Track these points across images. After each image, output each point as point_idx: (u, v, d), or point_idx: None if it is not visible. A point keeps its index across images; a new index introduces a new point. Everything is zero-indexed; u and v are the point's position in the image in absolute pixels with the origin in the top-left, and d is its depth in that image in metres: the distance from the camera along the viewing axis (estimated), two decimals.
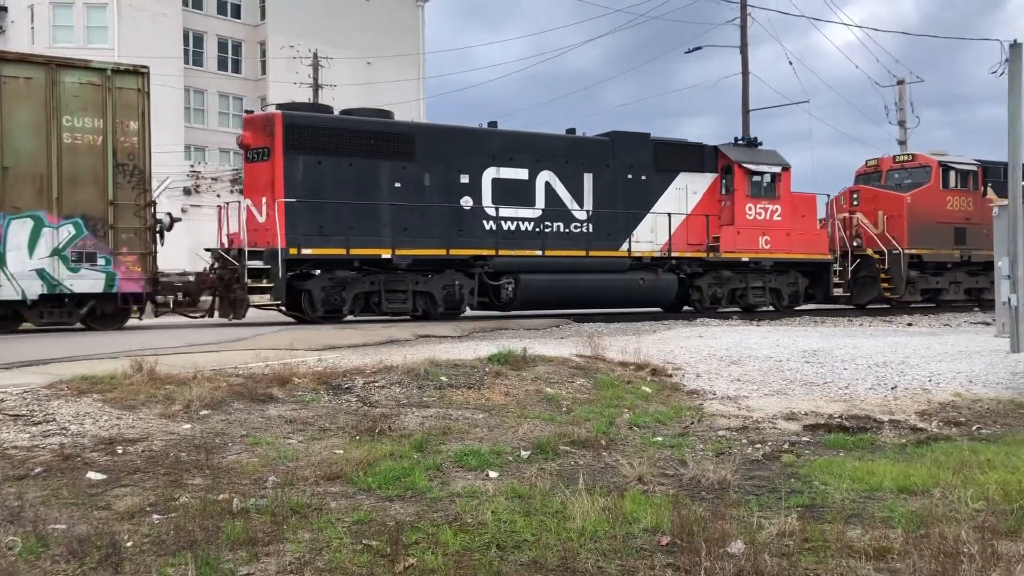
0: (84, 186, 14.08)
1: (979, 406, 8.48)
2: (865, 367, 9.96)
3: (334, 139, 16.10)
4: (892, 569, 3.79)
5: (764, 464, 6.22)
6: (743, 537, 4.22)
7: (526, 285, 17.50)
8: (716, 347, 11.61)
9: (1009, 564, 3.69)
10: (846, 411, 8.26)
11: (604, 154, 19.10)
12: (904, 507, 4.78)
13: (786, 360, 10.50)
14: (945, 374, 9.57)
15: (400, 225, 16.52)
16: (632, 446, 6.74)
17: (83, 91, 14.07)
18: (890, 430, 7.50)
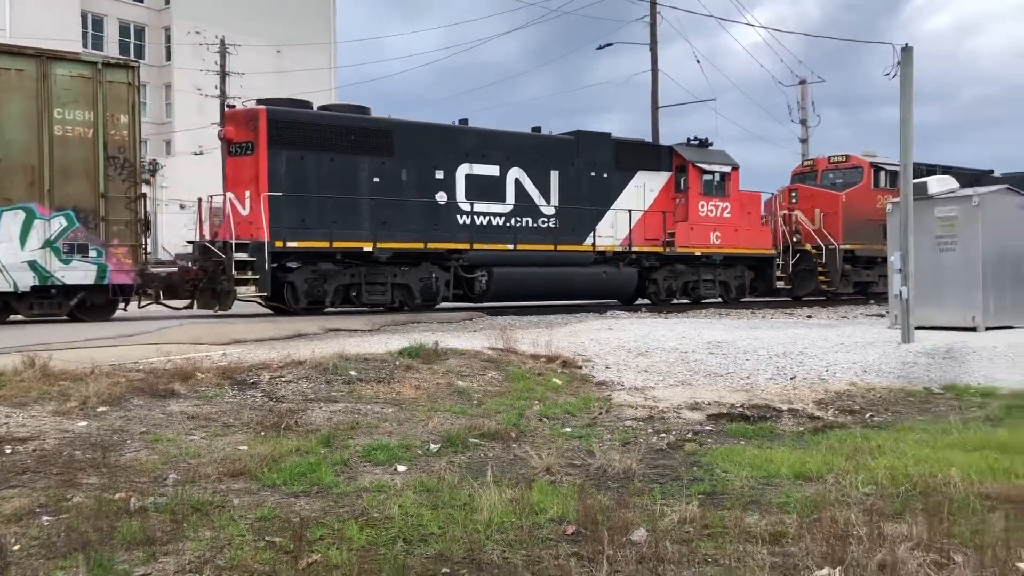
0: (75, 178, 14.15)
1: (872, 395, 8.85)
2: (766, 358, 10.27)
3: (316, 134, 16.41)
4: (786, 553, 3.93)
5: (668, 453, 6.35)
6: (646, 525, 4.31)
7: (499, 278, 18.09)
8: (625, 339, 11.80)
9: (894, 545, 3.87)
10: (747, 400, 8.52)
11: (569, 152, 19.88)
12: (800, 493, 4.96)
13: (691, 351, 10.75)
14: (841, 364, 9.94)
15: (379, 219, 16.89)
16: (541, 437, 6.80)
17: (74, 84, 14.14)
18: (789, 418, 7.75)
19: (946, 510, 4.43)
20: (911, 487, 4.90)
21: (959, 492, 4.77)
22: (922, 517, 4.25)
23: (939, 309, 12.27)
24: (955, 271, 12.17)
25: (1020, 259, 12.76)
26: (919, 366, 9.74)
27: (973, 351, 10.19)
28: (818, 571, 3.64)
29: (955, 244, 12.21)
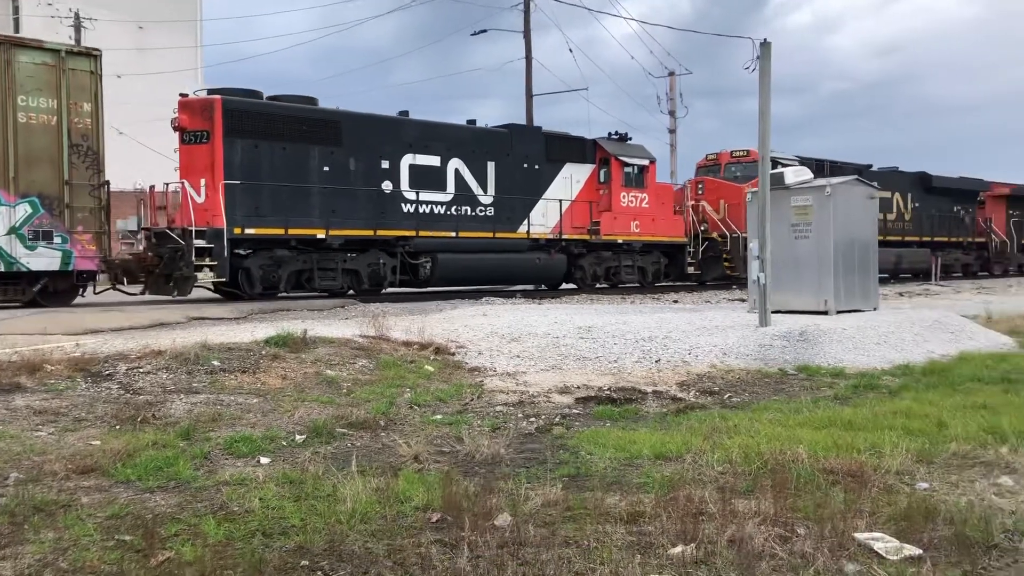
0: (39, 165, 14.21)
1: (731, 376, 9.23)
2: (633, 342, 10.54)
3: (270, 124, 16.90)
4: (643, 532, 4.05)
5: (537, 437, 6.44)
6: (510, 509, 4.36)
7: (443, 264, 19.02)
8: (499, 325, 11.88)
9: (743, 520, 4.05)
10: (614, 384, 8.74)
11: (504, 144, 20.95)
12: (659, 473, 5.11)
13: (563, 336, 10.92)
14: (703, 347, 10.31)
15: (329, 207, 17.52)
16: (411, 425, 6.77)
17: (37, 71, 14.16)
18: (653, 400, 8.00)
19: (793, 485, 4.67)
20: (762, 464, 5.13)
21: (805, 468, 5.03)
22: (770, 493, 4.46)
23: (795, 294, 12.89)
24: (809, 258, 12.80)
25: (868, 246, 13.56)
26: (775, 348, 10.21)
27: (824, 333, 10.75)
28: (672, 549, 3.77)
29: (810, 232, 12.83)
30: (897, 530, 4.00)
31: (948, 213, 35.19)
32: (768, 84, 11.05)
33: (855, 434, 6.00)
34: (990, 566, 3.64)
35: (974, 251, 37.30)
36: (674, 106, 36.65)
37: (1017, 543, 3.89)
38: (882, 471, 5.04)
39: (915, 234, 33.16)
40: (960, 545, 3.79)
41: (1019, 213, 38.52)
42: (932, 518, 4.11)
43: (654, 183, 23.81)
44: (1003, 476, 4.99)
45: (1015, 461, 5.23)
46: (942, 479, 4.98)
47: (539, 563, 3.63)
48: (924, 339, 11.34)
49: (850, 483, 4.79)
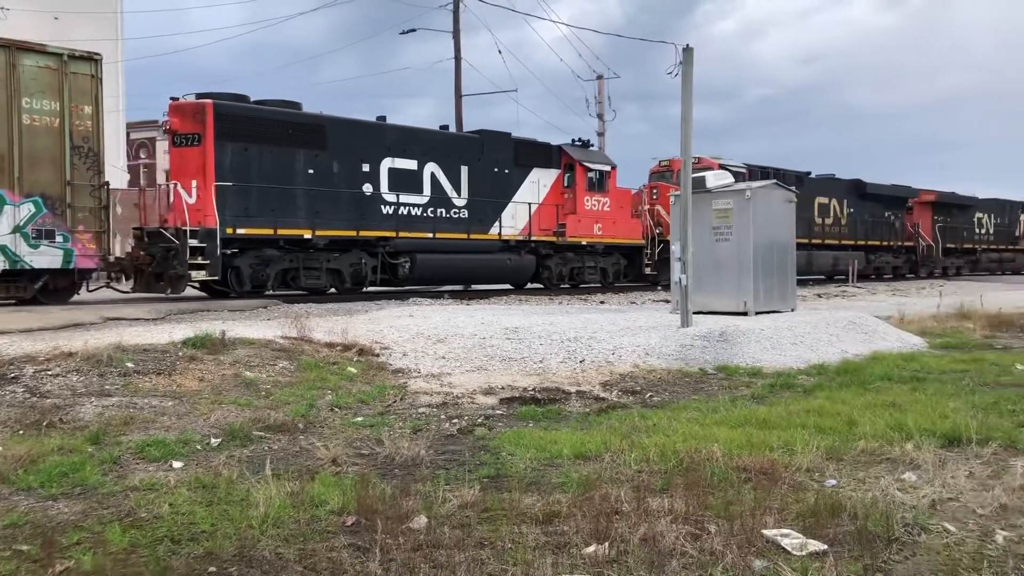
0: (43, 166, 14.59)
1: (653, 376, 9.35)
2: (559, 342, 10.60)
3: (258, 128, 17.54)
4: (558, 531, 4.07)
5: (458, 438, 6.42)
6: (426, 512, 4.33)
7: (421, 263, 19.93)
8: (425, 326, 11.82)
9: (656, 518, 4.10)
10: (539, 384, 8.77)
11: (476, 149, 21.95)
12: (578, 473, 5.14)
13: (489, 337, 10.92)
14: (627, 347, 10.43)
15: (314, 208, 18.28)
16: (331, 428, 6.68)
17: (41, 74, 14.56)
18: (576, 400, 8.05)
19: (706, 484, 4.75)
20: (678, 463, 5.21)
21: (719, 466, 5.12)
22: (683, 491, 4.53)
23: (716, 295, 13.15)
24: (730, 260, 13.07)
25: (786, 249, 13.91)
26: (696, 348, 10.39)
27: (743, 334, 10.98)
28: (586, 548, 3.80)
29: (730, 235, 13.10)
30: (804, 526, 4.10)
31: (880, 218, 36.97)
32: (690, 89, 11.24)
33: (769, 432, 6.14)
34: (890, 559, 3.75)
35: (903, 254, 39.10)
36: (602, 109, 37.03)
37: (916, 537, 4.02)
38: (793, 468, 5.17)
39: (851, 238, 34.81)
40: (862, 540, 3.90)
41: (944, 218, 40.76)
42: (838, 514, 4.23)
43: (615, 188, 25.00)
44: (907, 472, 5.16)
45: (919, 457, 5.41)
46: (850, 476, 5.13)
47: (452, 565, 3.61)
48: (839, 339, 11.68)
49: (762, 480, 4.90)
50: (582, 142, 24.80)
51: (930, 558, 3.76)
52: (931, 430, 6.05)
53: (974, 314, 15.81)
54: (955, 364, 9.99)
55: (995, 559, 3.76)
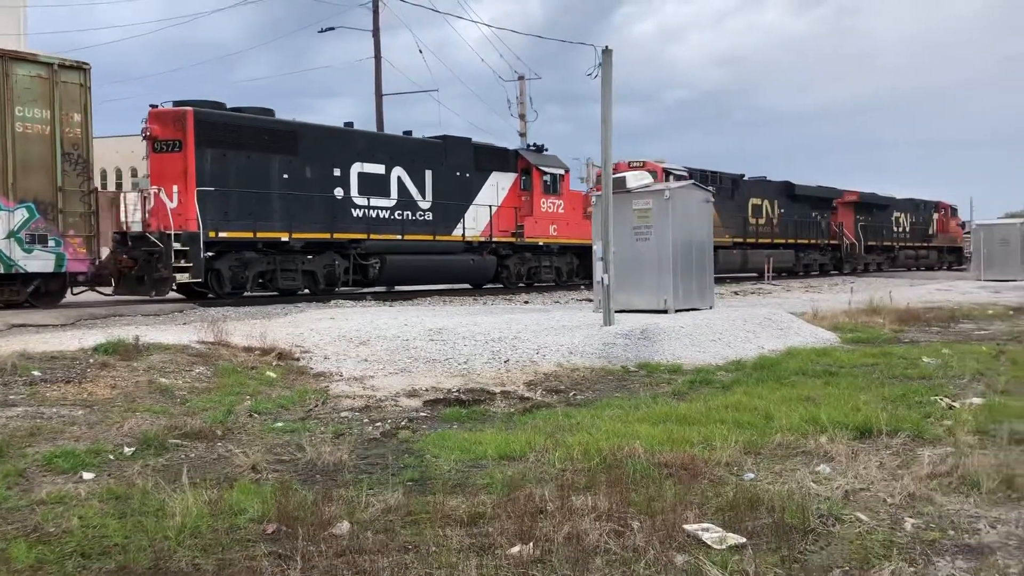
0: (35, 173, 14.95)
1: (577, 374, 9.43)
2: (483, 343, 10.59)
3: (236, 134, 18.15)
4: (483, 533, 4.06)
5: (382, 442, 6.36)
6: (349, 517, 4.27)
7: (391, 265, 20.71)
8: (347, 328, 11.67)
9: (580, 516, 4.13)
10: (463, 385, 8.75)
11: (439, 154, 22.70)
12: (502, 473, 5.14)
13: (413, 339, 10.84)
14: (551, 347, 10.48)
15: (289, 212, 18.92)
16: (251, 434, 6.54)
17: (33, 83, 14.89)
18: (501, 400, 8.05)
19: (628, 480, 4.80)
20: (601, 461, 5.25)
21: (641, 463, 5.18)
22: (606, 488, 4.57)
23: (637, 294, 13.34)
24: (650, 259, 13.27)
25: (703, 248, 14.19)
26: (618, 347, 10.51)
27: (664, 332, 11.15)
28: (511, 548, 3.80)
29: (650, 234, 13.31)
30: (724, 520, 4.18)
31: (808, 218, 39.09)
32: (610, 90, 11.36)
33: (689, 428, 6.24)
34: (806, 550, 3.85)
35: (829, 252, 41.34)
36: (524, 110, 37.21)
37: (831, 527, 4.14)
38: (713, 463, 5.27)
39: (782, 237, 36.78)
40: (780, 532, 4.00)
41: (865, 218, 43.09)
42: (756, 507, 4.32)
43: (568, 190, 26.34)
44: (821, 464, 5.31)
45: (832, 450, 5.57)
46: (767, 469, 5.25)
47: (375, 570, 3.57)
48: (755, 335, 11.96)
49: (683, 476, 4.97)
50: (536, 147, 25.81)
51: (844, 547, 3.88)
52: (844, 423, 6.24)
53: (883, 309, 16.41)
54: (866, 358, 10.33)
55: (904, 546, 3.89)
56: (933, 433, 6.08)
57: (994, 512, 4.36)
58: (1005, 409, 6.84)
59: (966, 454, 5.29)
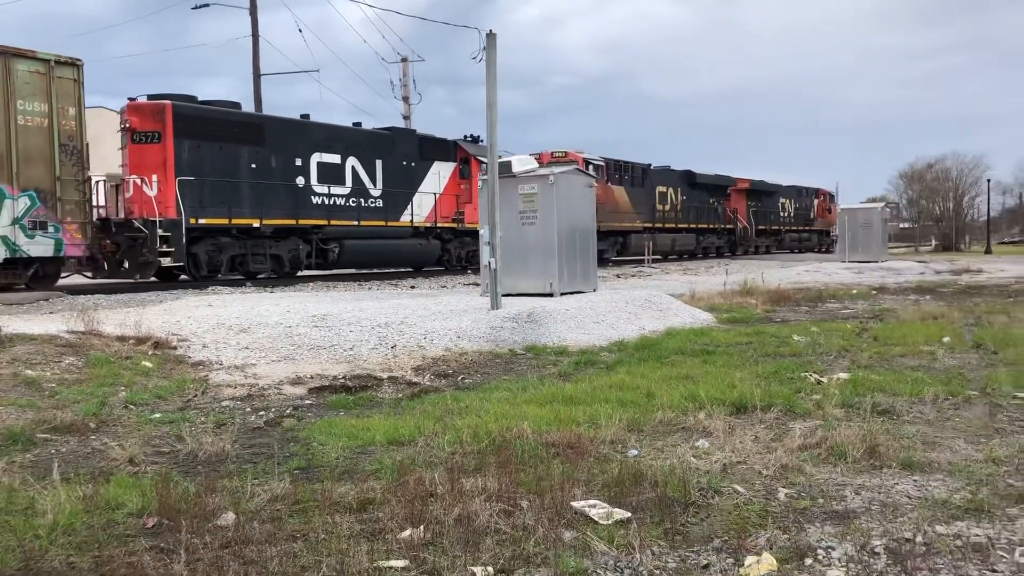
0: (35, 163, 15.96)
1: (465, 358, 9.46)
2: (369, 328, 10.49)
3: (210, 126, 19.49)
4: (373, 518, 4.04)
5: (266, 431, 6.23)
6: (234, 508, 4.17)
7: (349, 249, 22.33)
8: (226, 316, 11.32)
9: (470, 498, 4.16)
10: (350, 372, 8.66)
11: (388, 145, 24.29)
12: (391, 459, 5.12)
13: (296, 325, 10.63)
14: (439, 331, 10.48)
15: (258, 199, 20.35)
16: (127, 426, 6.29)
17: (32, 79, 15.89)
18: (389, 386, 8.01)
19: (517, 461, 4.87)
20: (490, 442, 5.30)
21: (529, 443, 5.26)
22: (495, 470, 4.62)
23: (524, 277, 13.47)
24: (536, 243, 13.42)
25: (587, 232, 14.45)
26: (505, 330, 10.60)
27: (550, 314, 11.32)
28: (401, 533, 3.79)
29: (536, 219, 13.45)
30: (610, 496, 4.29)
31: (707, 204, 42.35)
32: (494, 75, 11.39)
33: (575, 408, 6.37)
34: (687, 522, 4.00)
35: (725, 235, 44.76)
36: (408, 92, 36.87)
37: (710, 499, 4.31)
38: (598, 441, 5.40)
39: (684, 222, 39.93)
40: (663, 505, 4.14)
41: (756, 204, 46.97)
42: (640, 482, 4.46)
43: None
44: (700, 439, 5.52)
45: (711, 425, 5.80)
46: (650, 445, 5.42)
47: (263, 560, 3.50)
48: (637, 317, 12.29)
49: (570, 454, 5.08)
50: (473, 138, 27.26)
51: (723, 518, 4.05)
52: (721, 399, 6.50)
53: (756, 290, 17.13)
54: (740, 337, 10.78)
55: (778, 515, 4.10)
56: (803, 407, 6.41)
57: (858, 480, 4.64)
58: (868, 382, 7.28)
59: (833, 426, 5.60)
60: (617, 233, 34.13)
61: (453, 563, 3.47)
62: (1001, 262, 36.06)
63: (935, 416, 6.20)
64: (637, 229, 35.07)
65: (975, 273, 26.67)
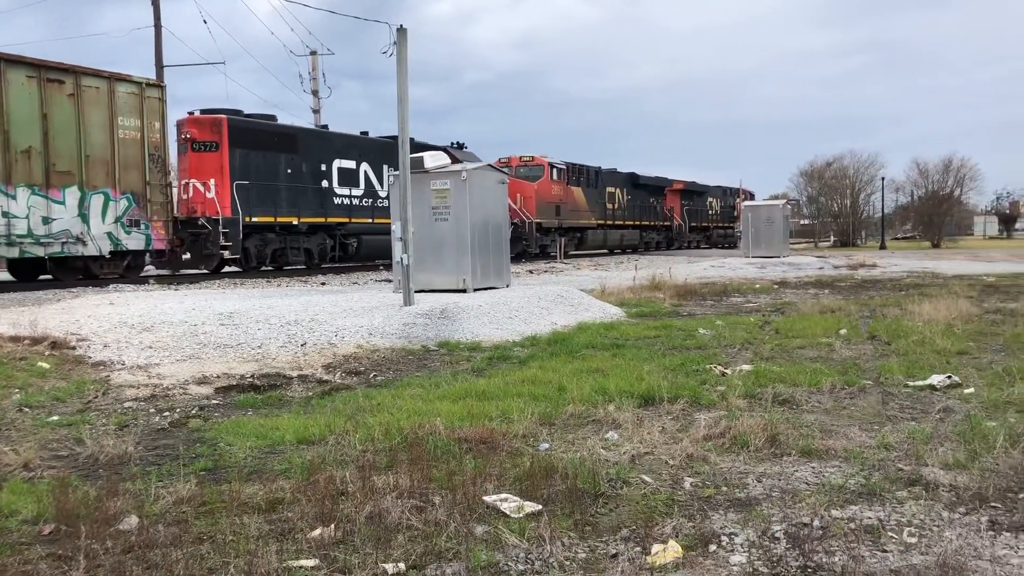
0: (131, 170, 18.79)
1: (377, 355, 9.40)
2: (278, 326, 10.31)
3: (256, 137, 22.29)
4: (283, 518, 3.98)
5: (171, 432, 6.07)
6: (137, 511, 4.06)
7: (365, 243, 25.53)
8: (128, 314, 10.96)
9: (382, 495, 4.15)
10: (258, 370, 8.49)
11: (392, 151, 24.89)
12: (301, 458, 5.06)
13: (201, 324, 10.37)
14: (350, 328, 10.38)
15: (293, 201, 23.26)
16: (21, 430, 6.04)
17: (128, 98, 18.69)
18: (299, 385, 7.89)
19: (429, 457, 4.87)
20: (402, 439, 5.29)
21: (442, 439, 5.27)
22: (407, 466, 4.61)
23: (437, 273, 13.45)
24: (449, 239, 13.41)
25: (500, 228, 14.51)
26: (418, 326, 10.57)
27: (463, 310, 11.33)
28: (312, 532, 3.76)
29: (448, 215, 13.44)
30: (522, 489, 4.34)
31: (647, 204, 46.58)
32: (405, 69, 11.32)
33: (488, 403, 6.41)
34: (597, 513, 4.08)
35: (664, 232, 49.32)
36: (317, 86, 36.24)
37: (619, 490, 4.40)
38: (511, 436, 5.44)
39: (630, 220, 44.08)
40: (573, 497, 4.21)
41: (689, 203, 51.74)
42: (551, 475, 4.52)
43: None
44: (610, 432, 5.63)
45: (620, 417, 5.91)
46: (561, 438, 5.50)
47: (168, 564, 3.42)
48: (549, 312, 12.42)
49: (482, 449, 5.11)
50: (458, 144, 30.51)
51: (631, 508, 4.14)
52: (630, 392, 6.63)
53: (664, 285, 17.50)
54: (649, 331, 11.00)
55: (684, 503, 4.22)
56: (708, 399, 6.59)
57: (760, 468, 4.81)
58: (769, 374, 7.53)
59: (737, 416, 5.78)
60: (576, 229, 37.72)
61: (364, 561, 3.46)
62: (895, 257, 37.74)
63: (832, 405, 6.46)
64: (592, 226, 39.33)
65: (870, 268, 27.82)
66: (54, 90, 17.24)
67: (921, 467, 4.70)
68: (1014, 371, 7.39)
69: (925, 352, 8.77)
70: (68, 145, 17.48)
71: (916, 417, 6.01)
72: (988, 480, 4.43)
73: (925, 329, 10.36)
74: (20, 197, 16.73)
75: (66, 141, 17.44)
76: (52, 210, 17.25)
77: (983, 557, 3.50)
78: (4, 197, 16.46)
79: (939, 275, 23.26)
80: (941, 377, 7.18)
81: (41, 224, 17.08)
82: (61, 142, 17.35)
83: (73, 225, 17.62)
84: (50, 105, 17.14)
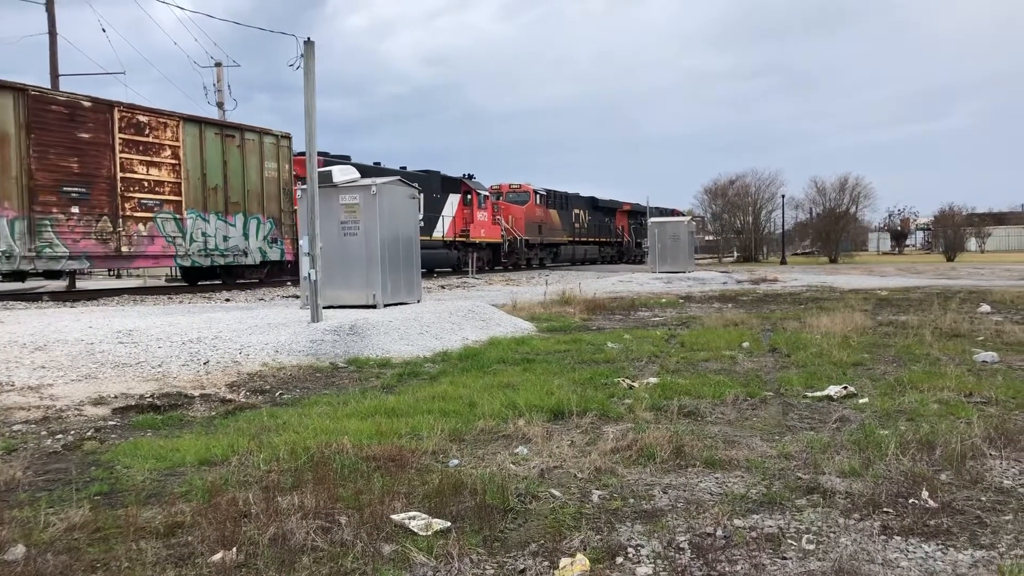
0: (272, 201, 24.69)
1: (283, 373, 9.20)
2: (180, 344, 10.00)
3: None
4: (182, 543, 3.85)
5: (64, 455, 5.80)
6: (25, 540, 3.86)
7: None
8: (19, 333, 10.47)
9: (287, 516, 4.05)
10: (158, 390, 8.21)
11: (425, 182, 30.85)
12: (202, 479, 4.90)
13: (99, 342, 9.98)
14: (255, 346, 10.14)
15: None
16: None
17: (270, 147, 24.66)
18: (201, 404, 7.65)
19: (336, 476, 4.78)
20: (308, 459, 5.18)
21: (350, 458, 5.19)
22: (313, 486, 4.52)
23: (346, 289, 13.28)
24: (358, 254, 13.27)
25: (411, 243, 14.44)
26: (326, 343, 10.41)
27: (373, 326, 11.21)
28: (212, 556, 3.64)
29: (358, 229, 13.30)
30: (430, 507, 4.30)
31: (603, 223, 55.15)
32: (313, 83, 11.18)
33: (398, 420, 6.35)
34: (506, 528, 4.08)
35: (617, 247, 58.02)
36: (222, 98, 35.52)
37: (528, 504, 4.41)
38: (420, 453, 5.40)
39: (591, 236, 52.80)
40: (482, 513, 4.20)
41: (635, 223, 60.95)
42: (460, 491, 4.50)
43: (489, 204, 38.73)
44: (520, 446, 5.64)
45: (530, 432, 5.93)
46: (471, 454, 5.48)
47: None
48: (460, 327, 12.39)
49: (391, 467, 5.05)
50: (469, 176, 37.04)
51: (540, 522, 4.15)
52: (540, 406, 6.67)
53: (574, 300, 17.70)
54: (559, 345, 11.09)
55: (592, 516, 4.25)
56: (616, 412, 6.68)
57: (666, 479, 4.89)
58: (675, 386, 7.68)
59: (643, 429, 5.87)
60: (552, 245, 46.28)
61: None
62: (794, 272, 39.08)
63: (735, 416, 6.63)
64: (564, 242, 47.98)
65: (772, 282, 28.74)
66: (229, 143, 23.21)
67: (819, 475, 4.86)
68: (905, 381, 7.73)
69: (823, 364, 9.09)
70: (237, 183, 23.40)
71: (814, 427, 6.21)
72: (881, 486, 4.60)
73: (823, 341, 10.74)
74: (212, 222, 22.58)
75: (236, 180, 23.36)
76: (228, 231, 23.08)
77: (876, 561, 3.63)
78: (203, 221, 22.23)
79: (836, 289, 24.19)
80: (838, 388, 7.45)
81: (223, 241, 22.89)
82: (234, 180, 23.27)
83: (240, 242, 23.43)
84: (228, 154, 23.12)
